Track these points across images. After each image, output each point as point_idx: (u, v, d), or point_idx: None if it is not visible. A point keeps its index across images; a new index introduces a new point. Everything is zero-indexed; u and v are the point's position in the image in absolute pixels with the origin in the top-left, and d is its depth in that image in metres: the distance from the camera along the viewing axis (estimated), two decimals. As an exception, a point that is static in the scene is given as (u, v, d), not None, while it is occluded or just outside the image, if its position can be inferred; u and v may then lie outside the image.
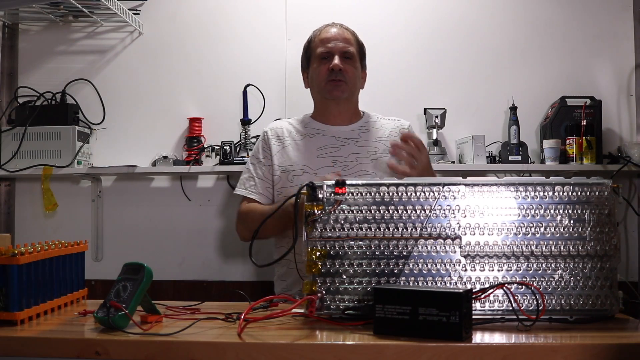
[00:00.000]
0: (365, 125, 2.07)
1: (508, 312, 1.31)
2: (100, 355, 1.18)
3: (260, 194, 2.00)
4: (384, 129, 2.06)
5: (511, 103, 2.72)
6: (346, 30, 2.06)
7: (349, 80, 1.99)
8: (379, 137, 2.04)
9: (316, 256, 1.35)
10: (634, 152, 2.58)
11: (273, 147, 2.03)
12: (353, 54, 2.02)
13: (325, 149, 2.00)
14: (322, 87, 2.00)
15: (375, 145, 2.02)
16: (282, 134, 2.05)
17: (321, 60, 2.01)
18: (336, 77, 1.97)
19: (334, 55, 1.98)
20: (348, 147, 2.01)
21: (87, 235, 2.82)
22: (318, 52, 2.02)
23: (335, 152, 1.99)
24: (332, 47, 2.00)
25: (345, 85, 1.99)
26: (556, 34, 2.83)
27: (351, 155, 1.98)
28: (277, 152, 2.02)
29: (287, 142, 2.03)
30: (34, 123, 2.71)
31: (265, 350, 1.15)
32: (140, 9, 2.86)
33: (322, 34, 2.04)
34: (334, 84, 1.98)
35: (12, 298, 1.32)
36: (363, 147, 2.01)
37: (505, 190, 1.35)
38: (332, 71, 1.97)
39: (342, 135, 2.03)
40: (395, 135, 2.03)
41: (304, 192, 1.37)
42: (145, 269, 1.32)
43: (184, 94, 2.88)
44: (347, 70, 1.98)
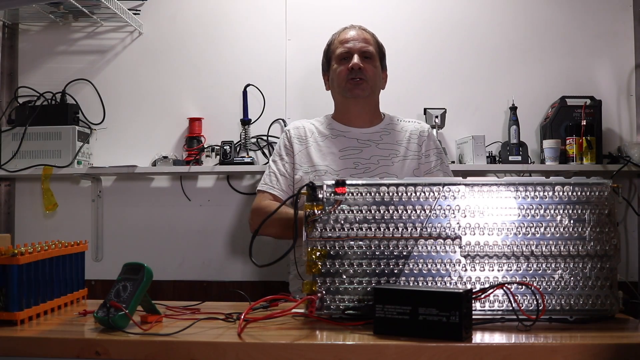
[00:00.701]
0: (387, 127, 2.09)
1: (508, 312, 1.31)
2: (100, 355, 1.18)
3: (283, 190, 2.01)
4: (405, 131, 2.08)
5: (511, 103, 2.72)
6: (365, 32, 2.09)
7: (369, 79, 2.01)
8: (400, 139, 2.05)
9: (316, 256, 1.35)
10: (634, 152, 2.58)
11: (295, 146, 2.05)
12: (372, 53, 2.05)
13: (347, 150, 2.01)
14: (343, 87, 2.02)
15: (396, 147, 2.03)
16: (305, 134, 2.07)
17: (341, 61, 2.03)
18: (356, 75, 1.99)
19: (354, 55, 2.01)
20: (370, 149, 2.02)
21: (87, 235, 2.82)
22: (338, 53, 2.04)
23: (357, 154, 2.00)
24: (351, 47, 2.02)
25: (366, 84, 2.01)
26: (556, 34, 2.83)
27: (373, 157, 2.00)
28: (299, 152, 2.04)
29: (310, 143, 2.05)
30: (34, 123, 2.71)
31: (265, 350, 1.15)
32: (140, 9, 2.86)
33: (341, 35, 2.07)
34: (354, 82, 2.00)
35: (12, 298, 1.32)
36: (385, 149, 2.02)
37: (505, 190, 1.35)
38: (351, 70, 1.99)
39: (364, 137, 2.04)
40: (415, 138, 2.05)
41: (304, 192, 1.37)
42: (145, 269, 1.32)
43: (184, 94, 2.88)
44: (367, 69, 2.01)
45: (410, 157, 2.02)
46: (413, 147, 2.04)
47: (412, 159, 2.02)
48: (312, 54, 2.83)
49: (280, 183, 2.02)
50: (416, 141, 2.05)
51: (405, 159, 2.01)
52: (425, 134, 2.08)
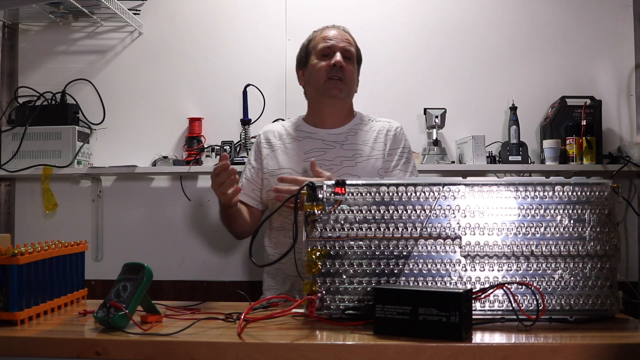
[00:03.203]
0: (354, 127, 2.05)
1: (508, 312, 1.31)
2: (100, 355, 1.18)
3: (245, 194, 2.02)
4: (373, 130, 2.04)
5: (511, 103, 2.72)
6: (347, 33, 2.07)
7: (347, 80, 1.99)
8: (366, 139, 2.02)
9: (316, 256, 1.35)
10: (634, 152, 2.58)
11: (263, 150, 2.05)
12: (353, 54, 2.03)
13: (312, 152, 2.00)
14: (321, 84, 1.99)
15: (361, 148, 2.00)
16: (274, 137, 2.07)
17: (322, 57, 2.00)
18: (336, 74, 1.97)
19: (336, 52, 1.99)
20: (334, 150, 2.00)
21: (87, 235, 2.82)
22: (320, 48, 2.01)
23: (321, 156, 1.98)
24: (335, 44, 2.00)
25: (344, 85, 1.99)
26: (556, 34, 2.83)
27: (337, 159, 1.97)
28: (267, 156, 2.04)
29: (277, 146, 2.04)
30: (34, 123, 2.71)
31: (265, 350, 1.15)
32: (140, 9, 2.86)
33: (325, 32, 2.05)
34: (332, 82, 1.97)
35: (12, 298, 1.32)
36: (349, 149, 2.00)
37: (505, 190, 1.36)
38: (332, 67, 1.97)
39: (330, 138, 2.02)
40: (381, 138, 2.02)
41: (304, 192, 1.37)
42: (145, 269, 1.32)
43: (184, 94, 2.88)
44: (347, 69, 1.99)
45: (375, 157, 1.99)
46: (379, 147, 2.01)
47: (377, 159, 1.99)
48: (312, 54, 2.84)
49: (245, 187, 2.03)
50: (382, 140, 2.01)
51: (370, 159, 1.98)
52: (391, 132, 2.04)
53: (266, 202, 2.03)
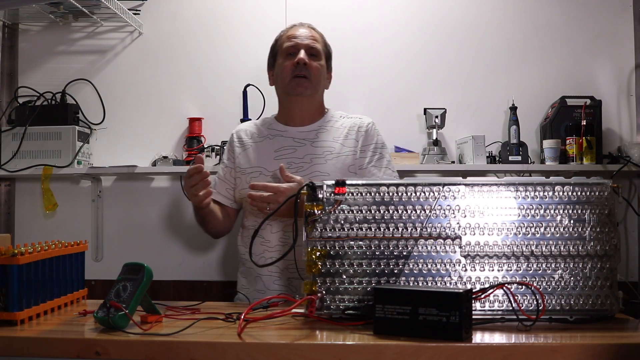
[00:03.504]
0: (324, 125, 2.04)
1: (508, 312, 1.31)
2: (100, 355, 1.18)
3: (218, 193, 2.03)
4: (343, 127, 2.03)
5: (511, 103, 2.72)
6: (314, 30, 2.06)
7: (312, 77, 1.98)
8: (336, 136, 2.01)
9: (316, 256, 1.35)
10: (634, 152, 2.58)
11: (236, 149, 2.06)
12: (319, 51, 2.02)
13: (282, 150, 1.99)
14: (287, 83, 1.99)
15: (331, 145, 1.99)
16: (245, 136, 2.07)
17: (287, 56, 2.00)
18: (300, 72, 1.96)
19: (300, 50, 1.98)
20: (304, 148, 1.99)
21: (87, 235, 2.82)
22: (284, 47, 2.01)
23: (291, 154, 1.98)
24: (299, 43, 2.00)
25: (309, 82, 1.97)
26: (556, 34, 2.83)
27: (306, 157, 1.96)
28: (239, 154, 2.04)
29: (249, 145, 2.05)
30: (34, 123, 2.71)
31: (265, 350, 1.15)
32: (140, 9, 2.86)
33: (289, 31, 2.05)
34: (297, 80, 1.97)
35: (12, 298, 1.32)
36: (319, 147, 1.98)
37: (505, 190, 1.36)
38: (297, 66, 1.96)
39: (300, 136, 2.01)
40: (353, 135, 2.00)
41: (304, 192, 1.37)
42: (145, 269, 1.32)
43: (184, 94, 2.88)
44: (312, 66, 1.97)
45: (346, 154, 1.97)
46: (350, 143, 1.99)
47: (347, 156, 1.97)
48: (312, 54, 2.84)
49: (218, 187, 2.04)
50: (353, 137, 2.00)
51: (340, 156, 1.97)
52: (363, 129, 2.01)
53: (240, 201, 2.04)
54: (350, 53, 2.83)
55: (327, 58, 2.08)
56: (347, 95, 2.83)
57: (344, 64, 2.82)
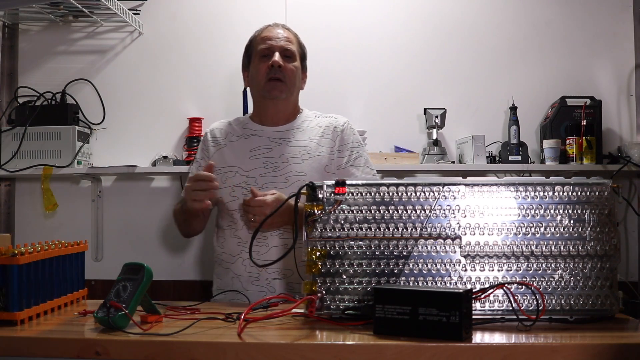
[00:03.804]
0: (300, 124, 2.03)
1: (508, 312, 1.31)
2: (100, 355, 1.18)
3: None
4: (319, 127, 2.02)
5: (511, 103, 2.72)
6: (288, 31, 2.05)
7: (287, 80, 1.97)
8: (312, 136, 2.00)
9: (316, 256, 1.35)
10: (634, 152, 2.58)
11: (210, 149, 2.04)
12: (294, 52, 2.01)
13: (258, 150, 1.98)
14: (262, 86, 1.98)
15: (308, 145, 1.98)
16: (220, 135, 2.06)
17: (262, 58, 1.99)
18: (275, 74, 1.96)
19: (275, 52, 1.97)
20: (280, 147, 1.98)
21: (87, 235, 2.82)
22: (259, 49, 2.00)
23: (267, 153, 1.97)
24: (273, 45, 1.99)
25: (284, 85, 1.97)
26: (556, 34, 2.83)
27: (283, 156, 1.95)
28: (214, 154, 2.03)
29: (224, 144, 2.03)
30: (34, 123, 2.71)
31: (265, 350, 1.15)
32: (140, 9, 2.86)
33: (264, 32, 2.04)
34: (272, 83, 1.96)
35: (12, 298, 1.32)
36: (295, 147, 1.98)
37: (505, 190, 1.36)
38: (271, 68, 1.96)
39: (276, 135, 2.01)
40: (329, 134, 1.99)
41: (304, 192, 1.37)
42: (145, 269, 1.32)
43: (184, 94, 2.88)
44: (287, 69, 1.97)
45: (322, 153, 1.97)
46: (325, 143, 1.98)
47: (323, 155, 1.96)
48: (312, 53, 2.82)
49: None
50: (329, 136, 1.99)
51: (316, 156, 1.96)
52: (339, 128, 2.01)
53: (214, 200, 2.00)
54: (350, 53, 2.83)
55: (302, 59, 2.07)
56: (347, 95, 2.83)
57: (344, 64, 2.85)
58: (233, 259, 1.93)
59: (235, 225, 1.94)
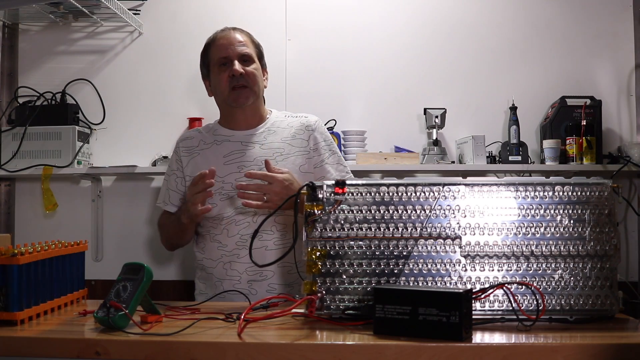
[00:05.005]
0: (271, 126, 2.02)
1: (508, 312, 1.31)
2: (100, 355, 1.18)
3: (173, 204, 2.01)
4: (290, 127, 2.01)
5: (511, 103, 2.72)
6: (241, 33, 2.03)
7: (251, 85, 1.96)
8: (285, 136, 1.99)
9: (316, 256, 1.35)
10: (634, 152, 2.58)
11: (183, 159, 2.02)
12: (251, 55, 1.99)
13: (231, 155, 1.97)
14: (226, 96, 1.96)
15: (281, 146, 1.97)
16: (192, 144, 2.04)
17: (220, 67, 1.98)
18: (238, 82, 1.94)
19: (233, 61, 1.95)
20: (253, 150, 1.97)
21: (87, 235, 2.82)
22: (216, 59, 1.99)
23: (241, 157, 1.96)
24: (230, 53, 1.96)
25: (249, 90, 1.96)
26: (556, 34, 2.83)
27: (257, 159, 1.94)
28: (187, 163, 2.01)
29: (196, 152, 2.02)
30: (34, 123, 2.71)
31: (265, 350, 1.15)
32: (140, 9, 2.86)
33: (217, 40, 2.01)
34: (237, 91, 1.95)
35: (12, 298, 1.32)
36: (269, 149, 1.97)
37: (505, 190, 1.36)
38: (233, 77, 1.94)
39: (248, 139, 1.99)
40: (301, 134, 1.99)
41: (304, 192, 1.37)
42: (145, 269, 1.32)
43: (184, 94, 2.88)
44: (249, 73, 1.95)
45: (296, 154, 1.96)
46: (298, 143, 1.98)
47: (297, 156, 1.96)
48: (312, 54, 2.84)
49: (171, 198, 2.01)
50: (302, 136, 1.98)
51: (290, 156, 1.95)
52: (311, 127, 2.00)
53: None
54: (350, 53, 2.83)
55: (260, 58, 2.04)
56: (347, 95, 2.83)
57: (344, 64, 2.85)
58: (214, 264, 1.93)
59: (214, 230, 1.94)
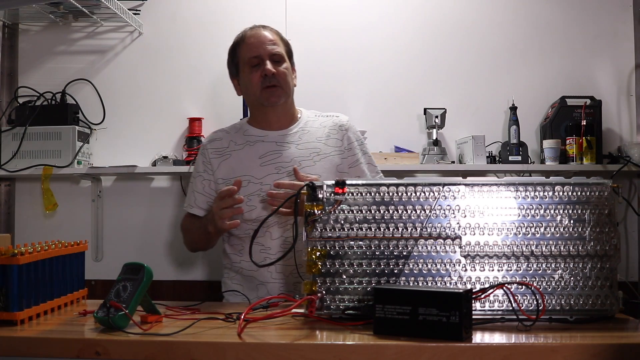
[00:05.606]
0: (305, 125, 2.01)
1: (508, 312, 1.31)
2: (100, 355, 1.18)
3: (200, 207, 1.98)
4: (323, 127, 2.00)
5: (511, 103, 2.72)
6: (270, 31, 2.01)
7: (283, 84, 1.94)
8: (319, 136, 1.98)
9: (316, 256, 1.35)
10: (634, 152, 2.58)
11: (213, 161, 1.98)
12: (282, 55, 1.97)
13: (267, 155, 1.95)
14: (258, 96, 1.94)
15: (316, 145, 1.96)
16: (221, 145, 2.00)
17: (252, 68, 1.95)
18: (270, 82, 1.92)
19: (264, 60, 1.93)
20: (290, 151, 1.95)
21: (87, 235, 2.82)
22: (246, 59, 1.97)
23: (277, 158, 1.93)
24: (261, 52, 1.94)
25: (281, 90, 1.94)
26: (556, 34, 2.83)
27: (294, 160, 1.92)
28: (218, 165, 1.97)
29: (227, 154, 1.98)
30: (34, 123, 2.71)
31: (265, 350, 1.15)
32: (140, 9, 2.86)
33: (248, 38, 1.99)
34: (269, 90, 1.93)
35: (12, 298, 1.32)
36: (305, 149, 1.95)
37: (505, 190, 1.36)
38: (265, 77, 1.92)
39: (283, 139, 1.97)
40: (334, 133, 1.98)
41: (304, 192, 1.37)
42: (145, 269, 1.32)
43: (184, 94, 2.88)
44: (279, 73, 1.93)
45: (332, 154, 1.95)
46: (333, 143, 1.97)
47: (334, 155, 1.95)
48: (312, 54, 2.84)
49: (197, 201, 1.99)
50: (336, 136, 1.98)
51: (327, 156, 1.95)
52: (344, 127, 2.00)
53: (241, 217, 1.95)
54: (350, 53, 2.83)
55: (290, 56, 2.03)
56: (347, 95, 2.83)
57: (344, 64, 2.85)
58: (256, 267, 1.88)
59: None
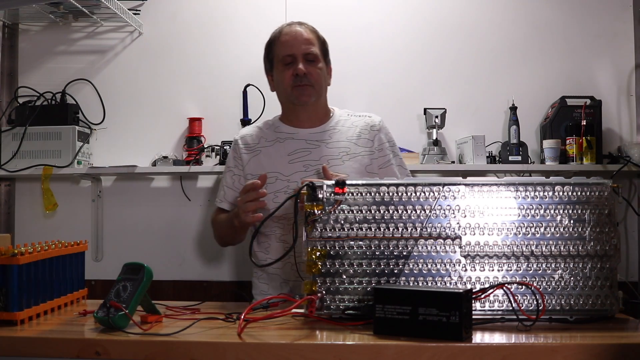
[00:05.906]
0: (336, 125, 2.00)
1: (508, 312, 1.31)
2: (100, 355, 1.18)
3: (229, 202, 1.98)
4: (355, 127, 1.99)
5: (511, 103, 2.72)
6: (307, 29, 1.98)
7: (314, 83, 1.93)
8: (350, 136, 1.97)
9: (316, 256, 1.35)
10: (634, 152, 2.58)
11: (244, 156, 1.99)
12: (316, 55, 1.95)
13: (296, 153, 1.94)
14: (289, 93, 1.94)
15: (346, 145, 1.95)
16: (253, 141, 2.00)
17: (285, 66, 1.95)
18: (301, 82, 1.91)
19: (297, 59, 1.92)
20: (319, 149, 1.94)
21: (87, 235, 2.82)
22: (281, 57, 1.95)
23: (306, 156, 1.93)
24: (295, 52, 1.93)
25: (312, 89, 1.93)
26: (556, 34, 2.83)
27: (323, 158, 1.91)
28: (248, 161, 1.98)
29: (258, 150, 1.98)
30: (34, 123, 2.71)
31: (265, 350, 1.15)
32: (140, 9, 2.86)
33: (283, 36, 1.98)
34: (300, 89, 1.92)
35: (12, 298, 1.32)
36: (334, 148, 1.95)
37: (505, 190, 1.36)
38: (297, 76, 1.91)
39: (313, 137, 1.97)
40: (366, 134, 1.97)
41: (304, 192, 1.37)
42: (145, 269, 1.32)
43: (184, 94, 2.88)
44: (312, 72, 1.92)
45: (362, 154, 1.95)
46: (364, 143, 1.96)
47: (364, 156, 1.94)
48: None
49: (226, 195, 1.99)
50: (367, 136, 1.97)
51: (357, 156, 1.94)
52: (376, 127, 1.99)
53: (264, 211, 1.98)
54: (350, 53, 2.83)
55: (325, 55, 2.01)
56: (347, 95, 2.83)
57: (344, 64, 2.82)
58: (280, 264, 1.83)
59: (281, 231, 1.89)
